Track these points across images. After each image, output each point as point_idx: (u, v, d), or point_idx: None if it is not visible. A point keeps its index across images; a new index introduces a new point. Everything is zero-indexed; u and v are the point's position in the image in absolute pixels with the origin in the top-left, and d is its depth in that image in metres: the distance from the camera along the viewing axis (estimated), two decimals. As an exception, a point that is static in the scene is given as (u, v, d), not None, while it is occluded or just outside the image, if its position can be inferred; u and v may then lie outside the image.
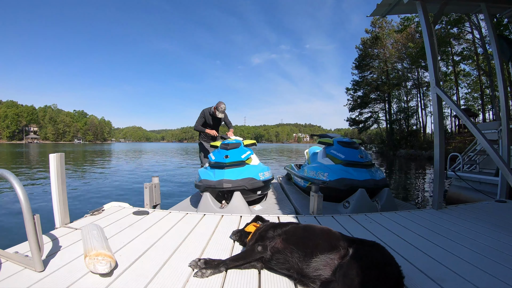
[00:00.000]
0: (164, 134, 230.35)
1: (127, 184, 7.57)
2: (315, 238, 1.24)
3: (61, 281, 1.19)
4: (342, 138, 3.79)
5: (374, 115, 31.43)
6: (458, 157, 4.95)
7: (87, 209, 2.32)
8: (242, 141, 3.76)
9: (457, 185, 4.83)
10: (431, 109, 4.33)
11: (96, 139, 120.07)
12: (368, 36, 29.96)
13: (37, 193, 5.99)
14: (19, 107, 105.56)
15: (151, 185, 2.90)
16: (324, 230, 1.30)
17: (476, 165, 4.96)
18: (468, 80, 23.06)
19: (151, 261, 1.41)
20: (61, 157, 1.97)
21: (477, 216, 2.37)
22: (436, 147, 2.67)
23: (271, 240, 1.32)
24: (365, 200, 2.86)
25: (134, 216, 2.28)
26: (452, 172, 4.78)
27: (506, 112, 3.27)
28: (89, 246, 1.31)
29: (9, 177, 1.26)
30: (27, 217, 1.23)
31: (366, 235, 1.86)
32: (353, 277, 0.97)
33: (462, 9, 3.91)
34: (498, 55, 3.28)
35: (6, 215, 4.16)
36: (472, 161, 5.06)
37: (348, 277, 0.99)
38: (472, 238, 1.81)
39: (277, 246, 1.27)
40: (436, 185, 2.68)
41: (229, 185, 2.99)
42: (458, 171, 4.79)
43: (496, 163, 2.45)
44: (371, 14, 3.40)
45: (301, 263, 1.17)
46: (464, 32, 19.49)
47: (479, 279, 1.23)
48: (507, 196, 3.17)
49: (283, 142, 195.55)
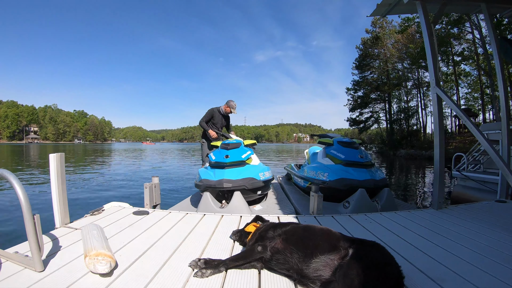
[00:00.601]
0: (164, 134, 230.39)
1: (127, 184, 7.58)
2: (315, 238, 1.24)
3: (61, 281, 1.19)
4: (342, 138, 3.79)
5: (375, 115, 31.48)
6: (463, 157, 4.98)
7: (87, 209, 2.32)
8: (243, 141, 3.76)
9: (462, 184, 4.86)
10: (431, 109, 4.33)
11: (96, 139, 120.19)
12: (368, 36, 30.00)
13: (37, 193, 6.00)
14: (19, 107, 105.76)
15: (151, 185, 2.90)
16: (324, 230, 1.30)
17: (480, 165, 4.99)
18: (468, 80, 23.10)
19: (151, 261, 1.41)
20: (61, 157, 1.97)
21: (477, 216, 2.36)
22: (436, 147, 2.66)
23: (271, 240, 1.32)
24: (365, 200, 2.86)
25: (134, 216, 2.28)
26: (457, 172, 4.82)
27: (506, 112, 3.27)
28: (89, 246, 1.31)
29: (9, 177, 1.26)
30: (27, 217, 1.23)
31: (366, 235, 1.85)
32: (353, 277, 0.97)
33: (462, 9, 3.91)
34: (498, 55, 3.28)
35: (6, 215, 4.16)
36: (476, 161, 5.08)
37: (348, 277, 0.99)
38: (472, 238, 1.81)
39: (277, 246, 1.27)
40: (436, 185, 2.68)
41: (229, 185, 2.99)
42: (463, 171, 4.82)
43: (496, 163, 2.45)
44: (371, 14, 3.40)
45: (301, 264, 1.17)
46: (464, 32, 19.51)
47: (479, 279, 1.23)
48: (507, 196, 3.17)
49: (283, 142, 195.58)
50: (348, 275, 0.99)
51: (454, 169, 4.96)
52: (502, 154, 3.07)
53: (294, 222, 1.54)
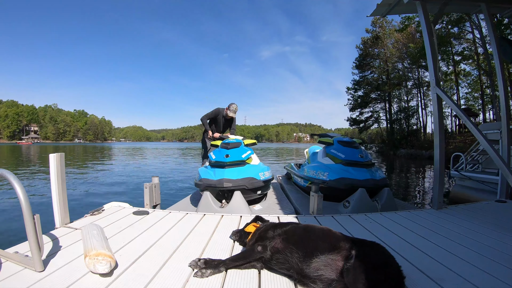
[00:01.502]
0: (164, 134, 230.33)
1: (127, 184, 7.58)
2: (316, 238, 1.24)
3: (61, 281, 1.19)
4: (342, 138, 3.79)
5: (375, 114, 31.44)
6: (461, 157, 4.96)
7: (87, 209, 2.32)
8: (243, 141, 3.76)
9: (461, 184, 4.84)
10: (431, 108, 4.33)
11: (96, 138, 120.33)
12: (368, 36, 29.97)
13: (37, 193, 6.00)
14: (19, 107, 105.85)
15: (151, 185, 2.90)
16: (324, 230, 1.30)
17: (479, 164, 4.97)
18: (469, 80, 23.06)
19: (151, 261, 1.41)
20: (61, 157, 1.97)
21: (477, 216, 2.36)
22: (436, 147, 2.66)
23: (271, 240, 1.31)
24: (365, 200, 2.86)
25: (134, 216, 2.28)
26: (455, 172, 4.79)
27: (506, 112, 3.27)
28: (89, 246, 1.31)
29: (9, 177, 1.26)
30: (27, 217, 1.23)
31: (366, 235, 1.86)
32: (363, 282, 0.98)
33: (462, 9, 3.91)
34: (498, 55, 3.28)
35: (6, 215, 4.16)
36: (475, 161, 5.06)
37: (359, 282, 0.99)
38: (472, 238, 1.81)
39: (277, 246, 1.27)
40: (436, 185, 2.68)
41: (229, 184, 2.99)
42: (461, 171, 4.80)
43: (496, 163, 2.45)
44: (371, 14, 3.40)
45: (301, 263, 1.17)
46: (465, 32, 19.47)
47: (479, 279, 1.23)
48: (507, 196, 3.17)
49: (283, 141, 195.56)
50: (358, 280, 1.00)
51: (453, 169, 4.94)
52: (502, 154, 3.07)
53: (294, 222, 1.54)
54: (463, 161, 4.92)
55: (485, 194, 4.01)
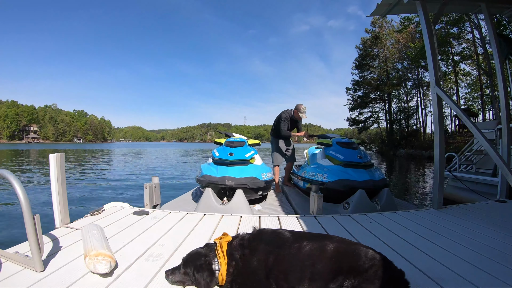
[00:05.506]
0: (164, 134, 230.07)
1: (127, 184, 7.58)
2: (328, 267, 0.98)
3: (61, 281, 1.19)
4: (341, 139, 3.78)
5: (374, 115, 31.48)
6: (455, 157, 4.89)
7: (87, 209, 2.32)
8: (247, 140, 3.77)
9: (453, 185, 4.77)
10: (431, 109, 4.33)
11: (96, 138, 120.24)
12: (368, 36, 29.99)
13: (37, 193, 6.00)
14: (19, 107, 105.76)
15: (151, 185, 2.89)
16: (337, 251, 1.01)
17: (473, 165, 4.91)
18: (468, 80, 23.08)
19: (151, 261, 1.41)
20: (61, 157, 1.97)
21: (477, 216, 2.37)
22: (436, 147, 2.66)
23: (258, 283, 1.00)
24: (365, 201, 2.85)
25: (134, 216, 2.28)
26: (448, 172, 4.70)
27: (506, 112, 3.27)
28: (89, 246, 1.31)
29: (9, 177, 1.26)
30: (27, 217, 1.23)
31: (366, 235, 1.86)
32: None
33: (462, 9, 3.92)
34: (498, 55, 3.28)
35: (6, 215, 4.16)
36: (468, 161, 5.00)
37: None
38: (472, 238, 1.81)
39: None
40: (436, 185, 2.68)
41: (231, 182, 2.99)
42: (454, 171, 4.73)
43: (496, 163, 2.46)
44: (371, 14, 3.40)
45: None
46: (464, 32, 19.49)
47: (479, 279, 1.23)
48: (507, 196, 3.17)
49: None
50: None
51: (445, 170, 4.87)
52: (502, 154, 3.07)
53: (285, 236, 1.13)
54: (456, 161, 4.85)
55: (479, 195, 3.94)
